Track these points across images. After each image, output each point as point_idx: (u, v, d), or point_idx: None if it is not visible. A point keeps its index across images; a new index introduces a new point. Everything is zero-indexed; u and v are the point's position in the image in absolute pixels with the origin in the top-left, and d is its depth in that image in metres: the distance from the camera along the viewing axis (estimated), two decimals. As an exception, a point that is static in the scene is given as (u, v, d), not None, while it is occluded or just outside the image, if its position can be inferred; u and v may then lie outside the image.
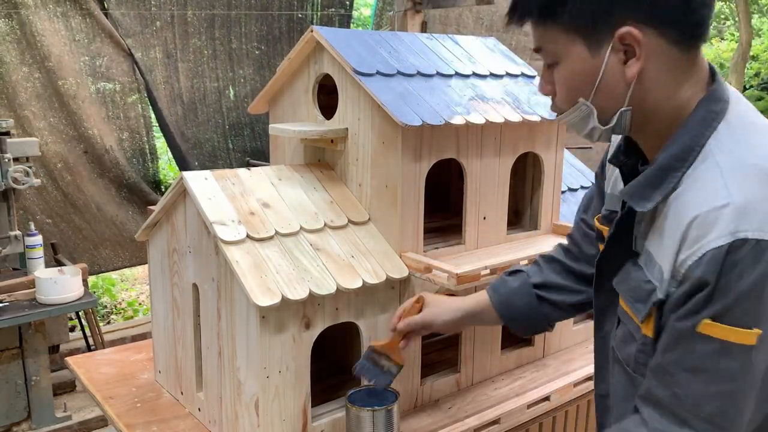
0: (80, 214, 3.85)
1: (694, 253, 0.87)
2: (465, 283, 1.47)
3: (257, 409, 1.40)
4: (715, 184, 0.88)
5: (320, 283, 1.42)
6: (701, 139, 0.94)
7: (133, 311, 5.17)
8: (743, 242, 0.83)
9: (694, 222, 0.88)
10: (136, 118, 3.95)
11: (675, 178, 0.94)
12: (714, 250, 0.84)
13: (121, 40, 3.77)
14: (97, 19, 3.66)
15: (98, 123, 3.79)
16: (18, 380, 3.05)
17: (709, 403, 0.86)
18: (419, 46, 1.86)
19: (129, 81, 3.88)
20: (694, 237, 0.87)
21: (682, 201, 0.92)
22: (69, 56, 3.61)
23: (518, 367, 1.93)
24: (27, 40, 3.47)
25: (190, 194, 1.51)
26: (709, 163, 0.91)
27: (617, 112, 0.98)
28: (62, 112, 3.67)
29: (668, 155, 0.95)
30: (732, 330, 0.84)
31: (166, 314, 1.77)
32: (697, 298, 0.86)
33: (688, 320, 0.87)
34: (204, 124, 4.24)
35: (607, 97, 0.98)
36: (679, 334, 0.88)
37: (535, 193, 1.93)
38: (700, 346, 0.86)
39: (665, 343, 0.91)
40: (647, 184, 0.97)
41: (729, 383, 0.85)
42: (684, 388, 0.87)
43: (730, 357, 0.84)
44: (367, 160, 1.65)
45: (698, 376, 0.86)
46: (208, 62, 4.17)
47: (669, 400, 0.89)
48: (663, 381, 0.90)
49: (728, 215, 0.85)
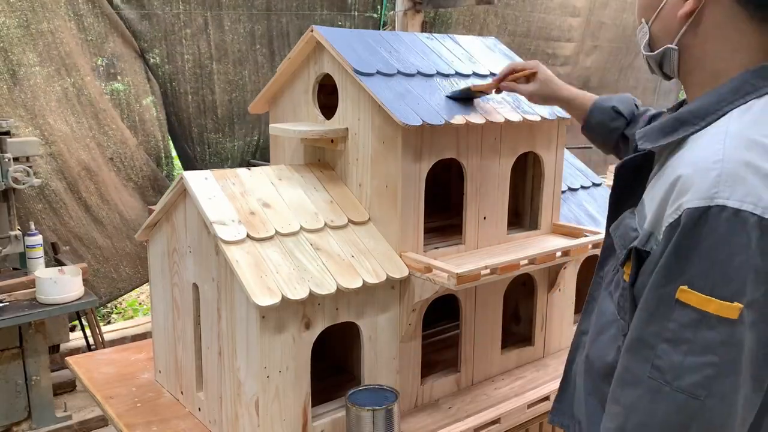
0: (103, 229, 3.69)
1: (674, 212, 0.85)
2: (465, 282, 1.47)
3: (257, 409, 1.40)
4: (714, 146, 0.86)
5: (320, 282, 1.42)
6: (726, 106, 0.91)
7: (133, 311, 5.17)
8: (721, 209, 0.79)
9: (680, 179, 0.86)
10: (151, 121, 3.88)
11: (685, 132, 0.93)
12: (689, 210, 0.82)
13: (133, 41, 3.71)
14: (109, 18, 3.61)
15: (121, 124, 3.71)
16: (18, 380, 3.05)
17: (690, 375, 0.81)
18: (419, 46, 1.86)
19: (142, 83, 3.80)
20: (678, 193, 0.85)
21: (680, 157, 0.91)
22: (83, 57, 3.56)
23: (518, 367, 1.93)
24: (44, 40, 3.42)
25: (191, 194, 1.51)
26: (719, 128, 0.89)
27: (665, 46, 1.00)
28: (86, 115, 3.58)
29: (688, 109, 0.94)
30: (709, 300, 0.80)
31: (166, 314, 1.77)
32: (671, 260, 0.84)
33: (666, 287, 0.84)
34: (240, 140, 4.17)
35: (662, 28, 1.00)
36: (658, 301, 0.85)
37: (535, 193, 1.93)
38: (678, 314, 0.83)
39: (644, 316, 0.88)
40: (659, 129, 0.97)
41: (711, 355, 0.81)
42: (665, 360, 0.83)
43: (710, 328, 0.80)
44: (367, 160, 1.65)
45: (678, 347, 0.82)
46: (250, 75, 4.08)
47: (649, 374, 0.85)
48: (641, 355, 0.86)
49: (713, 178, 0.81)
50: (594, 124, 1.51)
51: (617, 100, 1.49)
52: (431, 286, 1.51)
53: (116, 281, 3.84)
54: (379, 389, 1.50)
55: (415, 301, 1.56)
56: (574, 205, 2.13)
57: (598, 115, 1.50)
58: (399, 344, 1.61)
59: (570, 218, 2.05)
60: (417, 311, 1.58)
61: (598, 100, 1.52)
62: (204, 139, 4.07)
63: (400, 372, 1.63)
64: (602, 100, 1.52)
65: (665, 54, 1.01)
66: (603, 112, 1.50)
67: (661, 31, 1.00)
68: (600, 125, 1.50)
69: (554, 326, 2.02)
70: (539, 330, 1.97)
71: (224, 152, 4.17)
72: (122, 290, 3.91)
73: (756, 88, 0.91)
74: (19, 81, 3.35)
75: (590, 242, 1.77)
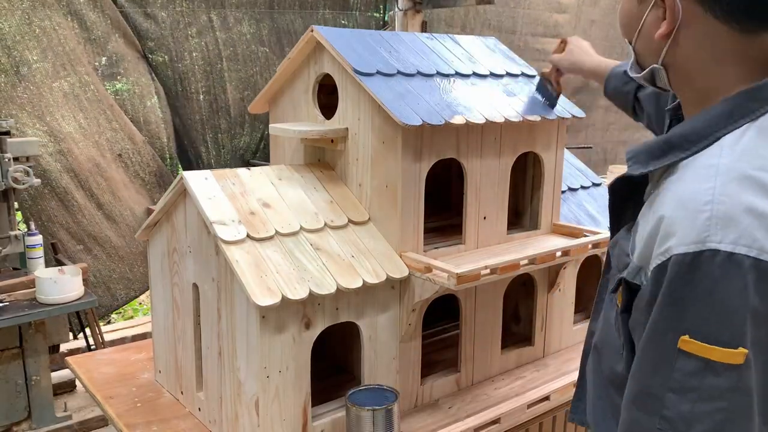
0: (116, 228, 3.66)
1: (662, 254, 0.81)
2: (465, 282, 1.47)
3: (257, 409, 1.40)
4: (705, 184, 0.81)
5: (320, 282, 1.42)
6: (717, 131, 0.86)
7: (133, 311, 5.16)
8: (714, 253, 0.76)
9: (667, 216, 0.83)
10: (156, 122, 3.85)
11: (675, 157, 0.89)
12: (678, 257, 0.78)
13: (136, 41, 3.70)
14: (111, 18, 3.60)
15: (128, 121, 3.70)
16: (18, 380, 3.04)
17: (701, 422, 0.78)
18: (419, 46, 1.86)
19: (147, 83, 3.79)
20: (665, 233, 0.82)
21: (668, 189, 0.87)
22: (87, 57, 3.56)
23: (518, 367, 1.93)
24: (47, 39, 3.40)
25: (191, 194, 1.51)
26: (711, 159, 0.84)
27: (651, 65, 0.98)
28: (94, 112, 3.56)
29: (678, 132, 0.91)
30: (712, 348, 0.77)
31: (166, 314, 1.77)
32: (667, 310, 0.81)
33: (665, 337, 0.81)
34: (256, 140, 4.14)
35: (645, 47, 0.98)
36: (659, 352, 0.82)
37: (535, 193, 1.93)
38: (682, 364, 0.79)
39: (646, 367, 0.85)
40: (648, 151, 0.94)
41: (720, 401, 0.78)
42: (673, 410, 0.80)
43: (717, 375, 0.77)
44: (367, 160, 1.65)
45: (686, 396, 0.79)
46: (262, 72, 4.08)
47: (659, 426, 0.81)
48: (648, 407, 0.83)
49: (703, 221, 0.78)
50: (611, 90, 1.61)
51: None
52: (431, 286, 1.51)
53: (132, 281, 3.80)
54: (379, 389, 1.50)
55: (415, 301, 1.56)
56: (574, 205, 2.13)
57: (613, 81, 1.59)
58: (399, 344, 1.61)
59: (570, 218, 2.05)
60: (417, 311, 1.58)
61: (615, 67, 1.61)
62: (216, 140, 4.05)
63: (400, 372, 1.63)
64: (618, 66, 1.60)
65: (653, 72, 0.99)
66: (617, 78, 1.58)
67: (645, 50, 0.98)
68: (615, 91, 1.59)
69: (554, 326, 2.02)
70: (539, 330, 1.97)
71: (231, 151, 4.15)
72: (138, 291, 3.86)
73: (750, 111, 0.86)
74: (24, 78, 3.34)
75: (590, 242, 1.77)
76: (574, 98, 5.88)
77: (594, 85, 1.82)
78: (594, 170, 2.42)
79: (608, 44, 6.20)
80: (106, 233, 3.65)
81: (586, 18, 5.96)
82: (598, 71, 1.67)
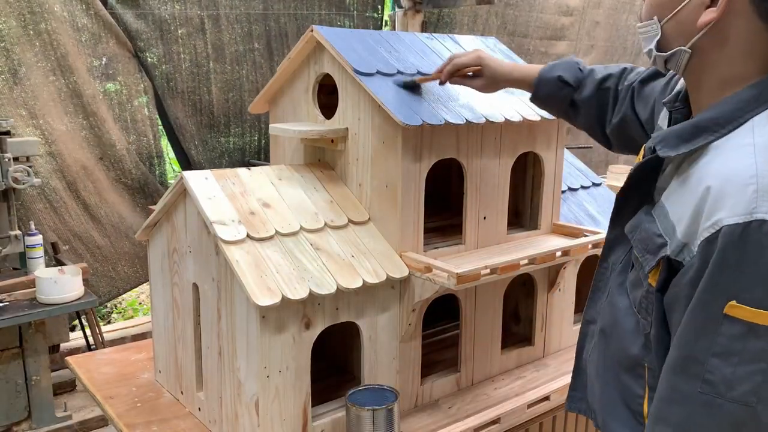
0: (101, 228, 3.71)
1: (711, 226, 0.87)
2: (465, 282, 1.47)
3: (257, 409, 1.40)
4: (746, 160, 0.88)
5: (320, 282, 1.42)
6: (745, 114, 0.93)
7: (133, 311, 5.17)
8: (761, 223, 0.83)
9: (713, 191, 0.88)
10: (143, 121, 3.89)
11: (705, 140, 0.95)
12: (729, 228, 0.84)
13: (127, 41, 3.72)
14: (103, 19, 3.62)
15: (112, 125, 3.73)
16: (18, 380, 3.05)
17: (742, 384, 0.85)
18: (419, 46, 1.86)
19: (135, 83, 3.82)
20: (712, 207, 0.87)
21: (707, 167, 0.92)
22: (78, 57, 3.58)
23: (518, 367, 1.93)
24: (41, 41, 3.43)
25: (190, 194, 1.51)
26: (745, 140, 0.91)
27: (678, 47, 1.01)
28: (78, 115, 3.59)
29: (707, 116, 0.96)
30: (759, 313, 0.83)
31: (166, 314, 1.77)
32: (716, 277, 0.86)
33: (712, 304, 0.87)
34: (238, 137, 4.17)
35: (676, 29, 1.00)
36: (704, 319, 0.88)
37: (535, 193, 1.93)
38: (727, 328, 0.86)
39: (690, 334, 0.90)
40: (677, 135, 0.99)
41: (761, 363, 0.84)
42: (716, 374, 0.86)
43: (758, 338, 0.84)
44: (367, 159, 1.65)
45: (729, 360, 0.86)
46: (248, 75, 4.09)
47: (700, 389, 0.88)
48: (690, 373, 0.89)
49: (751, 194, 0.84)
50: (543, 96, 1.54)
51: (561, 69, 1.51)
52: (431, 286, 1.51)
53: (115, 280, 3.85)
54: (379, 389, 1.50)
55: (415, 301, 1.56)
56: (574, 205, 2.13)
57: (545, 87, 1.52)
58: (399, 344, 1.61)
59: (570, 218, 2.05)
60: (417, 311, 1.58)
61: (543, 72, 1.53)
62: (201, 138, 4.07)
63: (400, 372, 1.63)
64: (546, 71, 1.53)
65: (675, 53, 1.02)
66: (550, 84, 1.51)
67: (675, 32, 1.01)
68: (549, 97, 1.53)
69: (554, 326, 2.02)
70: (539, 330, 1.97)
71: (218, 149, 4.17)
72: (121, 289, 3.92)
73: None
74: (20, 80, 3.36)
75: (590, 242, 1.77)
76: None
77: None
78: (594, 171, 2.42)
79: (609, 44, 6.20)
80: (91, 233, 3.71)
81: (590, 20, 5.96)
82: (524, 83, 1.57)
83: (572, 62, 1.52)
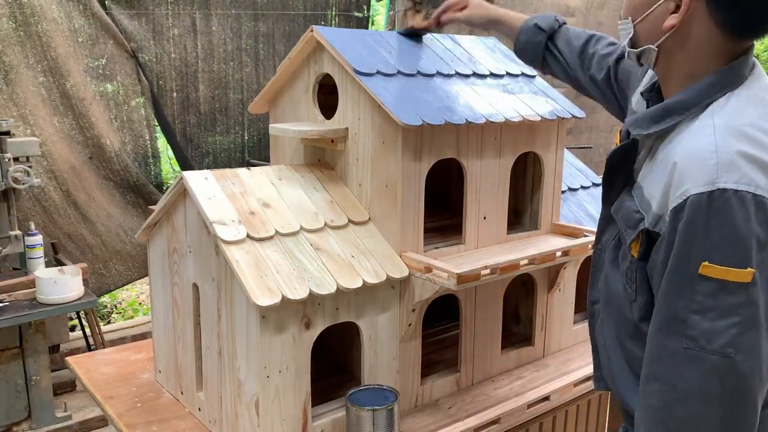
0: (91, 226, 3.74)
1: (679, 196, 0.98)
2: (465, 282, 1.47)
3: (257, 409, 1.40)
4: (707, 138, 1.00)
5: (320, 282, 1.42)
6: (705, 99, 1.06)
7: (133, 311, 5.17)
8: (722, 192, 0.94)
9: (679, 166, 1.00)
10: (139, 121, 3.91)
11: (673, 120, 1.08)
12: (695, 196, 0.96)
13: (125, 42, 3.74)
14: (100, 20, 3.63)
15: (104, 125, 3.75)
16: (18, 380, 3.05)
17: (720, 337, 0.95)
18: (419, 46, 1.86)
19: (132, 83, 3.84)
20: (679, 180, 0.99)
21: (673, 146, 1.05)
22: (73, 58, 3.59)
23: (518, 367, 1.93)
24: (32, 42, 3.44)
25: (191, 194, 1.51)
26: (706, 121, 1.03)
27: (647, 46, 1.14)
28: (68, 116, 3.62)
29: (674, 101, 1.10)
30: (727, 270, 0.94)
31: (166, 314, 1.77)
32: (688, 242, 0.97)
33: (687, 266, 0.97)
34: (223, 135, 4.20)
35: (646, 29, 1.14)
36: (682, 280, 0.98)
37: (535, 193, 1.93)
38: (702, 287, 0.96)
39: (670, 296, 1.00)
40: (648, 117, 1.12)
41: (734, 316, 0.94)
42: (697, 330, 0.96)
43: (730, 293, 0.94)
44: (367, 159, 1.65)
45: (706, 315, 0.96)
46: (233, 73, 4.12)
47: (684, 345, 0.97)
48: (674, 330, 0.99)
49: (712, 166, 0.96)
50: (523, 43, 1.67)
51: (540, 18, 1.66)
52: (431, 286, 1.51)
53: (106, 277, 3.89)
54: (379, 389, 1.50)
55: (415, 301, 1.56)
56: (574, 205, 2.13)
57: (524, 34, 1.66)
58: (399, 344, 1.61)
59: (570, 218, 2.05)
60: (417, 311, 1.58)
61: (525, 21, 1.68)
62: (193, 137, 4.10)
63: (400, 372, 1.63)
64: (528, 20, 1.67)
65: (645, 50, 1.15)
66: (528, 32, 1.65)
67: (645, 32, 1.14)
68: (527, 43, 1.66)
69: (554, 326, 2.02)
70: (539, 330, 1.97)
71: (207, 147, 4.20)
72: (112, 285, 3.96)
73: (729, 83, 1.06)
74: (11, 82, 3.39)
75: (590, 242, 1.77)
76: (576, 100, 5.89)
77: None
78: (594, 170, 2.42)
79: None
80: (81, 231, 3.74)
81: (594, 20, 5.95)
82: (508, 24, 1.70)
83: (551, 15, 1.67)
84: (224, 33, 4.04)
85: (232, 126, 4.22)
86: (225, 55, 4.06)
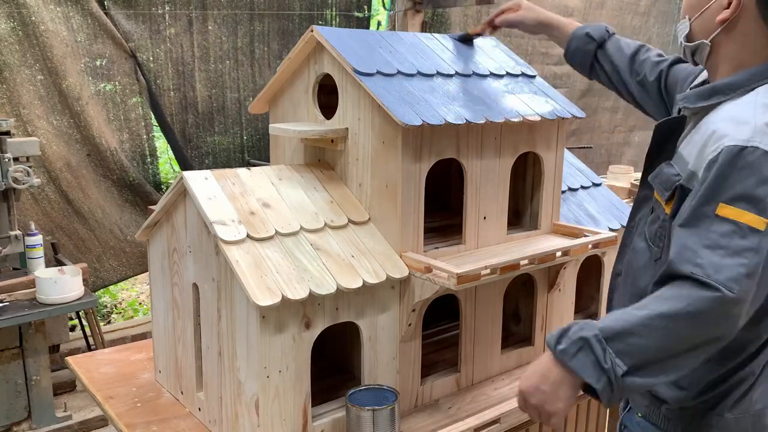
0: (84, 221, 3.77)
1: (714, 150, 1.11)
2: (465, 282, 1.47)
3: (257, 409, 1.40)
4: (746, 110, 1.14)
5: (320, 282, 1.42)
6: (753, 83, 1.19)
7: (133, 311, 5.17)
8: (754, 149, 1.07)
9: (718, 128, 1.13)
10: (137, 120, 3.92)
11: (719, 99, 1.21)
12: (729, 147, 1.08)
13: (123, 42, 3.74)
14: (98, 20, 3.64)
15: (101, 124, 3.76)
16: (18, 380, 3.05)
17: (726, 271, 1.05)
18: (419, 46, 1.86)
19: (130, 82, 3.85)
20: (716, 139, 1.12)
21: (714, 116, 1.18)
22: (71, 57, 3.59)
23: (518, 367, 1.93)
24: (29, 41, 3.45)
25: (190, 194, 1.51)
26: (749, 98, 1.17)
27: (701, 40, 1.27)
28: (65, 114, 3.63)
29: (723, 82, 1.23)
30: (744, 213, 1.06)
31: (166, 314, 1.77)
32: (713, 184, 1.08)
33: (707, 205, 1.09)
34: (221, 134, 4.20)
35: (700, 25, 1.27)
36: (701, 215, 1.09)
37: (535, 193, 1.93)
38: (718, 226, 1.07)
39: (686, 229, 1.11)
40: (697, 94, 1.26)
41: (742, 258, 1.05)
42: (706, 260, 1.07)
43: (743, 237, 1.05)
44: (367, 160, 1.65)
45: (716, 252, 1.06)
46: (230, 72, 4.14)
47: (692, 271, 1.07)
48: (686, 257, 1.09)
49: (747, 130, 1.10)
50: (573, 50, 1.77)
51: (591, 28, 1.76)
52: (431, 286, 1.51)
53: (99, 271, 3.91)
54: (379, 389, 1.50)
55: (415, 301, 1.56)
56: (574, 205, 2.13)
57: (575, 41, 1.76)
58: (399, 344, 1.61)
59: (570, 218, 2.05)
60: (417, 311, 1.58)
61: (577, 28, 1.77)
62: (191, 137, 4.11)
63: (400, 372, 1.63)
64: (579, 28, 1.77)
65: (699, 46, 1.28)
66: (579, 39, 1.75)
67: (700, 28, 1.27)
68: (577, 50, 1.76)
69: (554, 326, 2.01)
70: (539, 330, 1.97)
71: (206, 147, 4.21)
72: (106, 281, 3.98)
73: None
74: (6, 80, 3.40)
75: (590, 242, 1.77)
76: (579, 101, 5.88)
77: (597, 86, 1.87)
78: (594, 171, 2.42)
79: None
80: (74, 226, 3.76)
81: (593, 20, 5.96)
82: (559, 29, 1.79)
83: (602, 25, 1.76)
84: (220, 32, 4.05)
85: (230, 126, 4.22)
86: (221, 54, 4.07)
